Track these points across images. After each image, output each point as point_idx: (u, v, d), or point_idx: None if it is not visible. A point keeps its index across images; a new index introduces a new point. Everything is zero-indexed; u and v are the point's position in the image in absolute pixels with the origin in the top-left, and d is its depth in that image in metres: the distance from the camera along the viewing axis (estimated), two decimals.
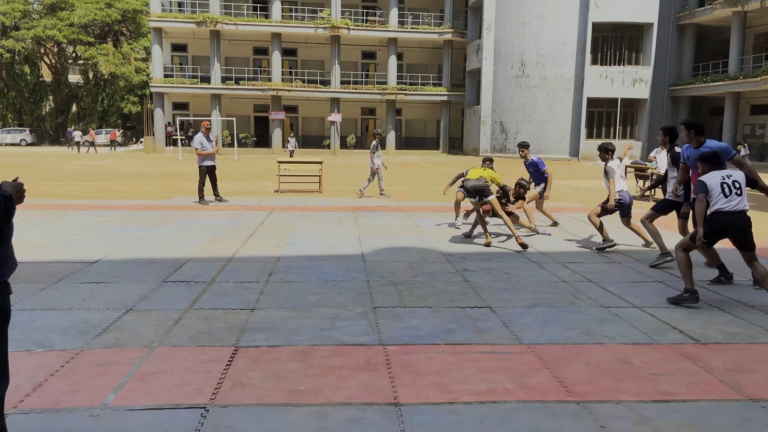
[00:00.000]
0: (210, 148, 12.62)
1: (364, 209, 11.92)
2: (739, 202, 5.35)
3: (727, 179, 5.40)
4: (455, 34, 41.77)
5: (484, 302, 5.42)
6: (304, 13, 42.30)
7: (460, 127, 44.37)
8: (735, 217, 5.33)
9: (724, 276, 6.31)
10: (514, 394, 3.51)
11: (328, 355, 4.05)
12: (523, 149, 10.04)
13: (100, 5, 46.62)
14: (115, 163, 28.08)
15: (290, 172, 16.66)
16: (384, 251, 7.71)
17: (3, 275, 2.37)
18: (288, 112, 42.78)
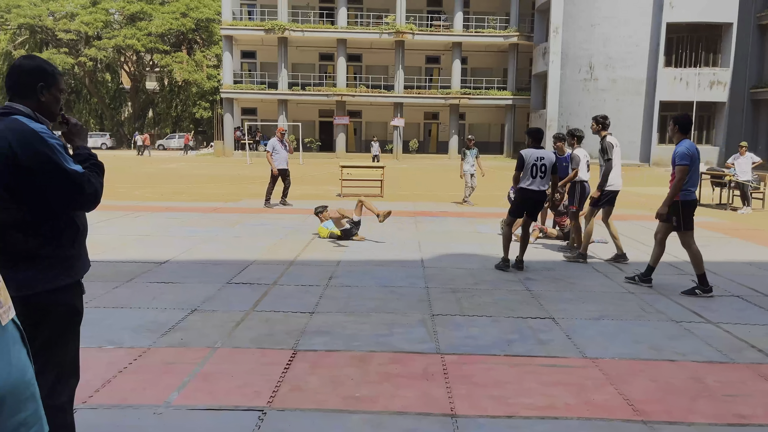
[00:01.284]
0: (282, 152, 12.83)
1: (424, 214, 11.87)
2: None
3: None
4: (521, 38, 41.13)
5: (547, 313, 5.27)
6: (369, 19, 42.68)
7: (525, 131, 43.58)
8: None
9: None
10: (576, 410, 3.38)
11: (385, 362, 4.04)
12: (559, 141, 9.11)
13: (176, 15, 48.60)
14: (187, 166, 29.14)
15: (353, 176, 16.80)
16: (444, 257, 7.64)
17: (75, 275, 2.46)
18: (352, 116, 43.24)
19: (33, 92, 2.38)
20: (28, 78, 2.37)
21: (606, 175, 7.32)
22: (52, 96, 2.43)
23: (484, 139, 46.31)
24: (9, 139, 2.18)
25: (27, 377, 1.22)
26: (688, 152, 5.89)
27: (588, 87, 35.35)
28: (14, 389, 1.17)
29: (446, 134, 44.17)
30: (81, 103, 57.69)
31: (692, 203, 6.05)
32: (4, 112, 2.29)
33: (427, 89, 43.00)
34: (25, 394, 1.21)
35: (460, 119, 43.46)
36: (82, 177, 2.28)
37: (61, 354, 2.42)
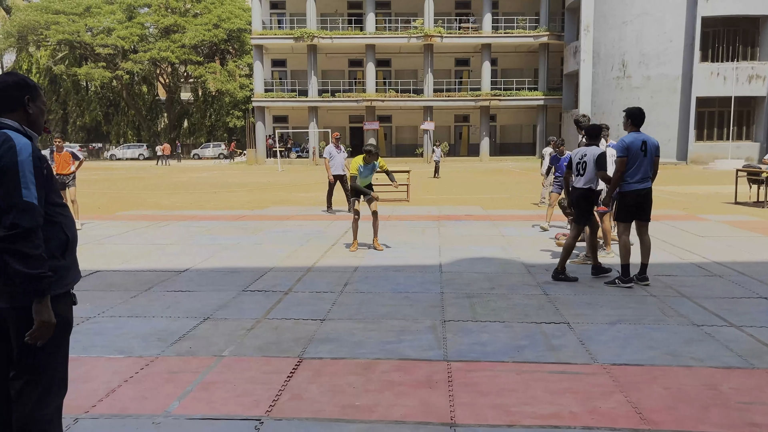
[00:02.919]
0: (338, 158, 12.94)
1: (449, 218, 11.78)
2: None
3: None
4: (551, 37, 40.62)
5: (562, 317, 5.15)
6: (397, 24, 42.75)
7: (558, 131, 42.97)
8: None
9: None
10: (581, 419, 3.28)
11: (389, 370, 3.99)
12: (561, 147, 10.30)
13: (209, 27, 49.56)
14: (219, 174, 29.60)
15: (379, 181, 16.80)
16: (463, 261, 7.55)
17: (66, 285, 2.49)
18: (382, 121, 43.34)
19: (20, 105, 2.43)
20: (15, 92, 2.43)
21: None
22: (38, 108, 2.49)
23: (516, 141, 45.90)
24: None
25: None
26: (622, 144, 6.13)
27: (621, 85, 34.64)
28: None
29: (477, 136, 43.89)
30: (119, 115, 59.28)
31: (628, 194, 6.18)
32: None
33: (457, 92, 42.82)
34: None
35: (490, 121, 43.14)
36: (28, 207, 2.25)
37: (53, 365, 2.44)
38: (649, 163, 6.16)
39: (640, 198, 6.20)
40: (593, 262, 6.82)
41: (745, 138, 33.05)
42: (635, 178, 6.14)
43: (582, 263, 7.46)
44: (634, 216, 6.29)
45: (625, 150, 6.11)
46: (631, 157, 6.11)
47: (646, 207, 6.26)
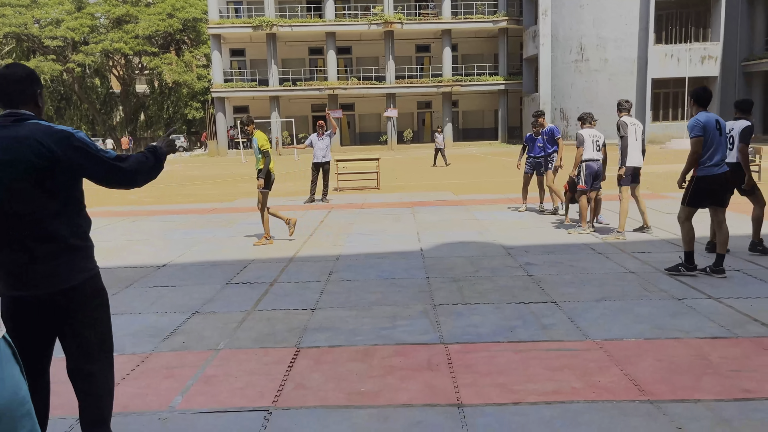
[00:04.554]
0: (319, 145, 12.78)
1: (422, 204, 11.84)
2: None
3: None
4: (510, 22, 40.97)
5: (549, 297, 5.26)
6: (357, 11, 42.47)
7: (519, 115, 43.56)
8: None
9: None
10: (583, 393, 3.37)
11: (388, 355, 4.02)
12: (540, 117, 10.21)
13: (162, 16, 48.25)
14: (182, 167, 29.04)
15: (348, 169, 16.77)
16: (443, 246, 7.62)
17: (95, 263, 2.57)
18: (345, 109, 43.09)
19: (33, 98, 2.48)
20: (30, 85, 2.47)
21: (623, 151, 7.70)
22: (42, 100, 2.56)
23: (478, 126, 46.28)
24: (43, 141, 2.32)
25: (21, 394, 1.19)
26: (696, 123, 5.62)
27: (580, 68, 35.24)
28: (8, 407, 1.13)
29: (440, 122, 44.05)
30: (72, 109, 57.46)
31: (705, 179, 5.69)
32: (17, 118, 2.38)
33: (419, 78, 42.86)
34: (20, 411, 1.18)
35: (453, 107, 43.37)
36: (121, 164, 2.49)
37: (106, 332, 2.63)
38: (725, 143, 5.74)
39: (716, 184, 5.71)
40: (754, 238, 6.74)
41: None
42: (713, 161, 5.64)
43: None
44: (706, 202, 5.80)
45: (702, 129, 5.58)
46: (707, 137, 5.60)
47: (724, 192, 5.81)
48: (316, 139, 12.87)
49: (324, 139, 12.86)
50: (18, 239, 2.34)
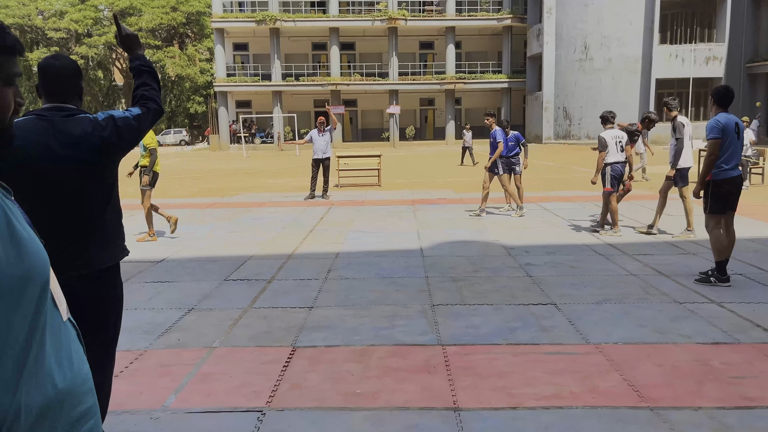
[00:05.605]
0: (319, 141, 12.69)
1: (423, 202, 11.79)
2: None
3: None
4: (514, 20, 40.82)
5: (549, 299, 5.21)
6: (361, 7, 42.34)
7: (522, 114, 43.44)
8: None
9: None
10: (582, 398, 3.32)
11: (386, 356, 3.98)
12: (489, 117, 10.20)
13: (166, 9, 48.17)
14: (183, 161, 29.00)
15: (349, 166, 16.71)
16: (443, 245, 7.57)
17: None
18: (347, 105, 43.01)
19: (80, 93, 2.54)
20: (78, 80, 2.52)
21: (677, 153, 7.58)
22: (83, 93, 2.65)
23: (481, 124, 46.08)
24: (97, 135, 2.41)
25: (85, 370, 1.26)
26: (717, 124, 5.45)
27: (583, 67, 35.13)
28: (75, 383, 1.20)
29: (443, 120, 43.98)
30: None
31: (723, 183, 5.53)
32: (69, 113, 2.43)
33: (422, 75, 42.76)
34: (84, 388, 1.23)
35: (456, 104, 43.26)
36: (148, 112, 2.60)
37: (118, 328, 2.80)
38: (741, 147, 5.59)
39: (733, 187, 5.59)
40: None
41: (703, 118, 33.89)
42: (731, 164, 5.49)
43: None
44: (726, 207, 5.63)
45: (721, 131, 5.42)
46: (726, 139, 5.43)
47: (737, 196, 5.67)
48: (316, 135, 12.81)
49: (324, 135, 12.79)
50: (75, 227, 2.43)
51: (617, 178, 8.10)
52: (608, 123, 8.29)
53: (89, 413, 1.25)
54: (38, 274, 1.12)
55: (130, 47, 2.70)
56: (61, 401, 1.16)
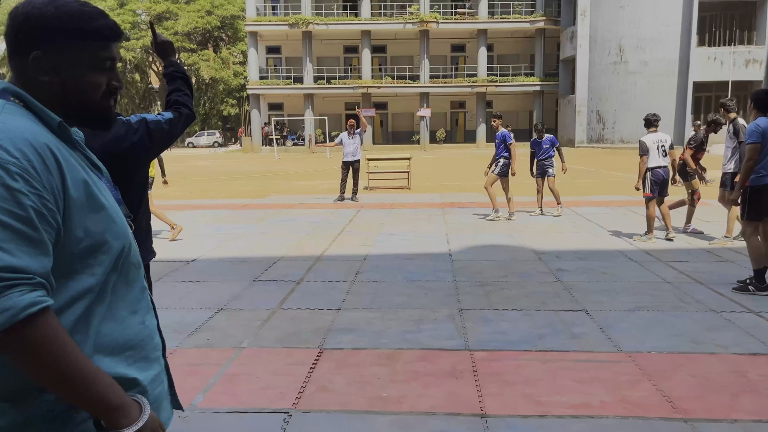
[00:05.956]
0: (349, 144, 12.74)
1: (452, 205, 11.72)
2: None
3: None
4: (548, 22, 40.41)
5: (580, 305, 5.12)
6: (393, 10, 42.42)
7: (554, 117, 42.96)
8: None
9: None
10: (612, 408, 3.25)
11: (413, 360, 3.95)
12: (496, 119, 10.16)
13: (201, 13, 49.03)
14: (216, 163, 29.42)
15: (379, 168, 16.73)
16: (472, 249, 7.51)
17: None
18: (378, 108, 43.11)
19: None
20: None
21: (741, 157, 7.07)
22: None
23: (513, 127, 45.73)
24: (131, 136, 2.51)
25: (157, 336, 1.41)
26: (756, 128, 5.29)
27: (618, 70, 34.57)
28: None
29: (473, 123, 43.76)
30: None
31: (761, 189, 5.37)
32: None
33: (453, 78, 42.62)
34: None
35: (487, 107, 42.98)
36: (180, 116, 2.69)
37: None
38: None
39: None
40: None
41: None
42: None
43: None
44: (764, 213, 5.47)
45: (761, 135, 5.28)
46: (765, 145, 5.30)
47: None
48: (346, 138, 12.85)
49: (354, 138, 12.83)
50: None
51: (659, 184, 7.87)
52: (651, 126, 8.02)
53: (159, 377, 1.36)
54: (117, 241, 1.24)
55: (165, 54, 2.74)
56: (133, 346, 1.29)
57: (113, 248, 1.22)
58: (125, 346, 1.26)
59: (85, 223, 1.16)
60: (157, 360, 1.36)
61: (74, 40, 1.21)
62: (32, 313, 1.03)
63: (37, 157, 1.10)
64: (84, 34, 1.22)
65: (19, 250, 1.05)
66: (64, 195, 1.13)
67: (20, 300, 1.03)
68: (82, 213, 1.16)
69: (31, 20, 1.19)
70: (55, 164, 1.13)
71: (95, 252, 1.19)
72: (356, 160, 12.84)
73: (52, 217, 1.10)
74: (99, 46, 1.24)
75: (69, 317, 1.15)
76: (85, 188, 1.18)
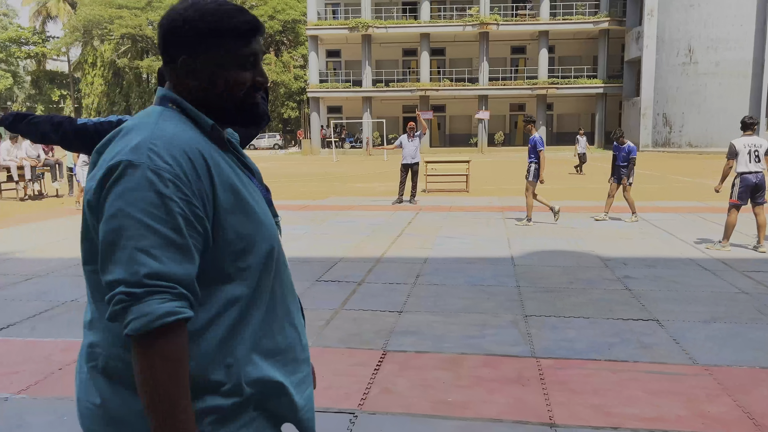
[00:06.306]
0: (408, 147, 12.78)
1: (512, 209, 11.54)
2: None
3: None
4: (612, 23, 39.30)
5: (650, 314, 4.93)
6: (452, 12, 42.24)
7: (617, 120, 41.72)
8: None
9: None
10: (689, 423, 3.11)
11: (477, 365, 3.90)
12: (529, 123, 9.90)
13: (264, 18, 50.11)
14: (276, 165, 30.00)
15: (437, 171, 16.66)
16: (534, 254, 7.36)
17: None
18: (435, 111, 42.98)
19: None
20: None
21: None
22: None
23: (573, 130, 44.74)
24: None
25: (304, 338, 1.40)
26: None
27: (687, 71, 33.28)
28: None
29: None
30: None
31: None
32: None
33: (513, 80, 42.05)
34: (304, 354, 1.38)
35: (547, 110, 42.21)
36: None
37: None
38: None
39: None
40: None
41: None
42: None
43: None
44: None
45: None
46: None
47: None
48: (405, 140, 12.85)
49: (414, 141, 12.82)
50: None
51: (748, 190, 7.44)
52: (748, 129, 7.53)
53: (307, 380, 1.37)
54: (266, 242, 1.25)
55: None
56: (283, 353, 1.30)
57: (263, 250, 1.23)
58: (278, 348, 1.27)
59: (236, 226, 1.17)
60: (306, 361, 1.35)
61: (215, 40, 1.21)
62: (168, 322, 1.04)
63: (189, 163, 1.11)
64: (224, 32, 1.21)
65: (166, 257, 1.06)
66: (213, 200, 1.14)
67: (159, 308, 1.04)
68: (233, 216, 1.17)
69: (175, 27, 1.21)
70: (206, 170, 1.14)
71: (246, 255, 1.20)
72: (415, 163, 12.82)
73: (200, 224, 1.12)
74: (240, 42, 1.23)
75: (225, 321, 1.17)
76: (235, 192, 1.18)
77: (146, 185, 1.06)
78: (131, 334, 1.04)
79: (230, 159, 1.24)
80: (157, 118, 1.17)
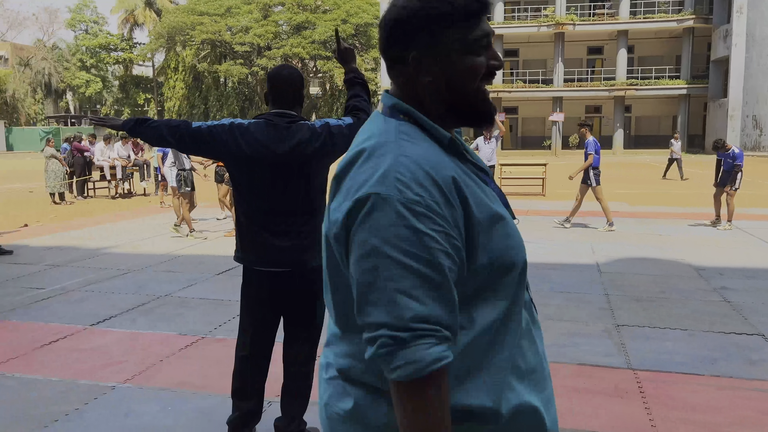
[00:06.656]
0: (484, 149, 12.73)
1: (592, 214, 11.18)
2: None
3: None
4: (697, 21, 37.49)
5: (754, 328, 4.65)
6: (526, 12, 41.51)
7: (702, 123, 39.78)
8: None
9: None
10: None
11: (571, 375, 3.78)
12: (584, 127, 10.01)
13: (337, 22, 50.94)
14: None
15: (513, 174, 16.39)
16: (620, 261, 7.10)
17: None
18: (507, 113, 42.33)
19: (300, 101, 2.74)
20: (300, 89, 2.71)
21: None
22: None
23: (653, 133, 43.09)
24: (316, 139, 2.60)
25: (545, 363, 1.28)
26: None
27: None
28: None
29: (610, 128, 41.66)
30: (254, 109, 62.66)
31: None
32: (293, 119, 2.63)
33: (589, 81, 40.85)
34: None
35: (625, 112, 40.75)
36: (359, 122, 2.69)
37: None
38: None
39: None
40: None
41: None
42: None
43: None
44: None
45: None
46: None
47: None
48: (482, 143, 12.71)
49: (490, 143, 12.66)
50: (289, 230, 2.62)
51: None
52: None
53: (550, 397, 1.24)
54: (519, 255, 1.14)
55: (346, 60, 2.77)
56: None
57: (517, 264, 1.13)
58: (531, 368, 1.16)
59: (490, 245, 1.08)
60: (549, 376, 1.24)
61: (446, 26, 1.10)
62: (435, 369, 0.98)
63: (440, 191, 1.03)
64: (454, 16, 1.09)
65: (428, 297, 0.99)
66: (468, 225, 1.06)
67: (427, 354, 0.97)
68: (486, 236, 1.08)
69: (401, 21, 1.11)
70: (457, 196, 1.05)
71: (502, 273, 1.11)
72: (492, 165, 12.65)
73: (457, 255, 1.04)
74: (471, 24, 1.11)
75: (480, 342, 1.10)
76: (487, 209, 1.09)
77: (399, 221, 0.99)
78: (399, 380, 0.98)
79: (470, 170, 1.15)
80: (396, 137, 1.09)
